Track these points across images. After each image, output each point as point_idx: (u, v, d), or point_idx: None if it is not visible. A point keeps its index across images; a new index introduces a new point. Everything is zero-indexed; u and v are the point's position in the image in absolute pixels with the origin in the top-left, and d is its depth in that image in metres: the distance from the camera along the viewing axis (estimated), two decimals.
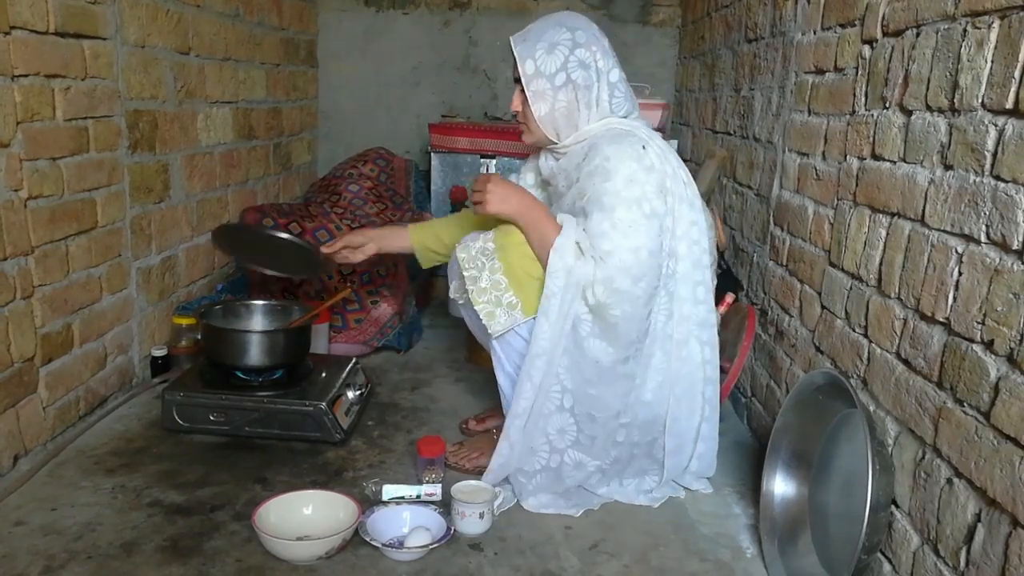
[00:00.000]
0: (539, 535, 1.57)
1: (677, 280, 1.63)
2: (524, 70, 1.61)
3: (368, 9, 3.58)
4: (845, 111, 1.59)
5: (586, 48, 1.60)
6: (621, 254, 1.51)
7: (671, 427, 1.69)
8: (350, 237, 2.02)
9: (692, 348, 1.68)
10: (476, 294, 1.60)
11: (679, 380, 1.68)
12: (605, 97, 1.62)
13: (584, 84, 1.60)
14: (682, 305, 1.65)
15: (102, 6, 1.88)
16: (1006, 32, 1.05)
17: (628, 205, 1.52)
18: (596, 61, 1.60)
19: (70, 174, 1.79)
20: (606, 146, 1.56)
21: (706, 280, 1.68)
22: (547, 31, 1.61)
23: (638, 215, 1.52)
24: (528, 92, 1.61)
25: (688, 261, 1.64)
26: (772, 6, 2.12)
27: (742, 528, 1.65)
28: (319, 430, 1.87)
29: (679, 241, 1.62)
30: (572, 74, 1.59)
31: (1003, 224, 1.03)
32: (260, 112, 2.91)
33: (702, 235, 1.66)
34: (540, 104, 1.62)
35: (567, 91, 1.60)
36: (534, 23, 1.66)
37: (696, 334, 1.67)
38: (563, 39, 1.59)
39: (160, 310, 2.26)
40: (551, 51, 1.59)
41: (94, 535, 1.48)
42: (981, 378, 1.05)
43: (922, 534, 1.18)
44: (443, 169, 3.16)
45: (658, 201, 1.55)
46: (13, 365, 1.64)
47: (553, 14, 1.67)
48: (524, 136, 1.72)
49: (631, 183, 1.52)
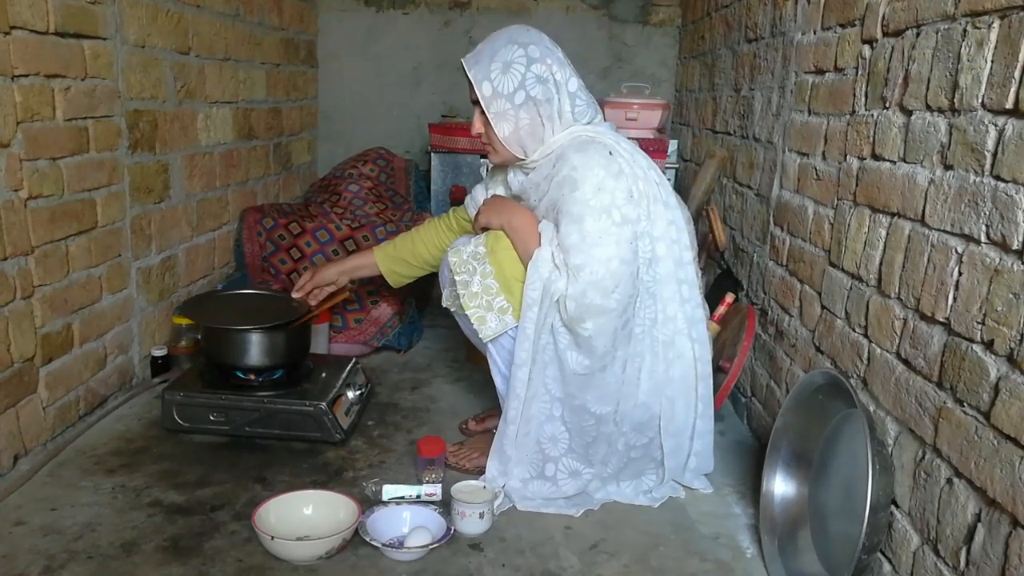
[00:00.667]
0: (539, 535, 1.57)
1: (659, 282, 1.63)
2: (482, 92, 1.59)
3: (368, 9, 3.58)
4: (845, 111, 1.59)
5: (541, 62, 1.58)
6: (592, 266, 1.51)
7: (666, 428, 1.69)
8: (317, 278, 2.02)
9: (682, 347, 1.67)
10: (467, 299, 1.61)
11: (670, 381, 1.67)
12: (567, 108, 1.61)
13: (544, 98, 1.58)
14: (666, 305, 1.64)
15: (102, 6, 1.88)
16: (1006, 32, 1.05)
17: (597, 214, 1.51)
18: (553, 74, 1.59)
19: (70, 174, 1.79)
20: (573, 155, 1.55)
21: (690, 277, 1.67)
22: (499, 50, 1.59)
23: (607, 224, 1.52)
24: (489, 114, 1.60)
25: (669, 261, 1.63)
26: (772, 6, 2.12)
27: (742, 528, 1.65)
28: (319, 430, 1.87)
29: (658, 242, 1.61)
30: (531, 91, 1.58)
31: (1003, 224, 1.03)
32: (260, 112, 2.91)
33: (681, 232, 1.65)
34: (503, 125, 1.61)
35: (528, 108, 1.59)
36: (484, 43, 1.63)
37: (685, 332, 1.67)
38: (517, 57, 1.57)
39: (160, 310, 2.26)
40: (507, 70, 1.57)
41: (94, 535, 1.48)
42: (981, 378, 1.05)
43: (922, 534, 1.18)
44: (443, 169, 3.16)
45: (628, 207, 1.54)
46: (13, 365, 1.64)
47: (502, 31, 1.64)
48: (491, 157, 1.71)
49: (599, 191, 1.52)
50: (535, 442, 1.64)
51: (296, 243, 2.68)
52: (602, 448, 1.67)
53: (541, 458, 1.65)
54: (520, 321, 1.57)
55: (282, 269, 2.65)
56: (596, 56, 3.58)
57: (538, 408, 1.62)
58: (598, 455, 1.67)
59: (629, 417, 1.66)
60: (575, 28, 3.56)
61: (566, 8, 3.56)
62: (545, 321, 1.56)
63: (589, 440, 1.64)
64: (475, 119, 1.66)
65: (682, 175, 3.15)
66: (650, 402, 1.66)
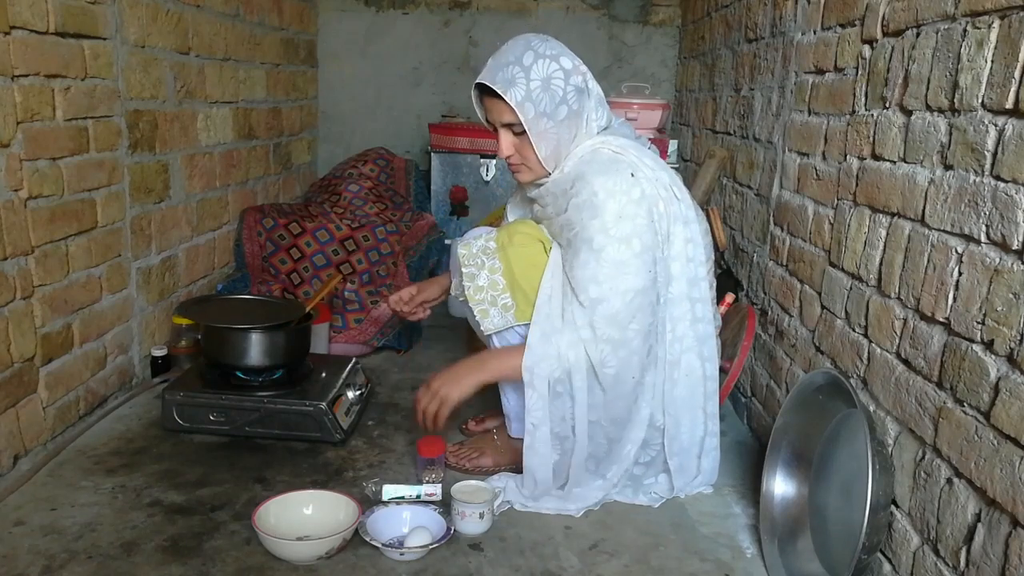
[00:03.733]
0: (539, 535, 1.57)
1: (671, 302, 1.60)
2: (524, 114, 1.50)
3: (368, 9, 3.58)
4: (845, 111, 1.59)
5: (576, 72, 1.54)
6: (611, 300, 1.49)
7: (670, 447, 1.68)
8: (422, 296, 1.93)
9: (690, 365, 1.65)
10: (472, 291, 1.61)
11: (673, 401, 1.65)
12: (593, 117, 1.58)
13: (584, 110, 1.56)
14: (676, 325, 1.62)
15: (102, 6, 1.88)
16: (1006, 32, 1.05)
17: (617, 245, 1.48)
18: (587, 82, 1.56)
19: (70, 174, 1.79)
20: (595, 178, 1.50)
21: (704, 296, 1.64)
22: (531, 67, 1.50)
23: (628, 254, 1.49)
24: (532, 135, 1.53)
25: (683, 280, 1.60)
26: (772, 6, 2.12)
27: (742, 528, 1.65)
28: (319, 430, 1.87)
29: (673, 261, 1.59)
30: (572, 104, 1.53)
31: (1003, 224, 1.03)
32: (260, 112, 2.91)
33: (697, 248, 1.62)
34: (543, 144, 1.55)
35: (570, 122, 1.55)
36: (502, 60, 1.52)
37: (695, 350, 1.64)
38: (554, 72, 1.50)
39: (160, 310, 2.26)
40: (547, 87, 1.50)
41: (94, 535, 1.48)
42: (981, 378, 1.05)
43: (922, 534, 1.18)
44: (443, 169, 3.16)
45: (648, 234, 1.52)
46: (13, 365, 1.64)
47: (516, 43, 1.54)
48: (521, 176, 1.64)
49: (620, 219, 1.48)
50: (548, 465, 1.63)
51: (296, 243, 2.68)
52: (612, 467, 1.67)
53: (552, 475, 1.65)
54: (528, 383, 1.54)
55: (282, 269, 2.65)
56: (596, 56, 3.58)
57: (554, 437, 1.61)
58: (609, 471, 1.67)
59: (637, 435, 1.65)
60: (575, 28, 3.56)
61: (566, 8, 3.56)
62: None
63: (602, 455, 1.65)
64: (502, 142, 1.57)
65: (682, 175, 3.14)
66: (654, 419, 1.65)
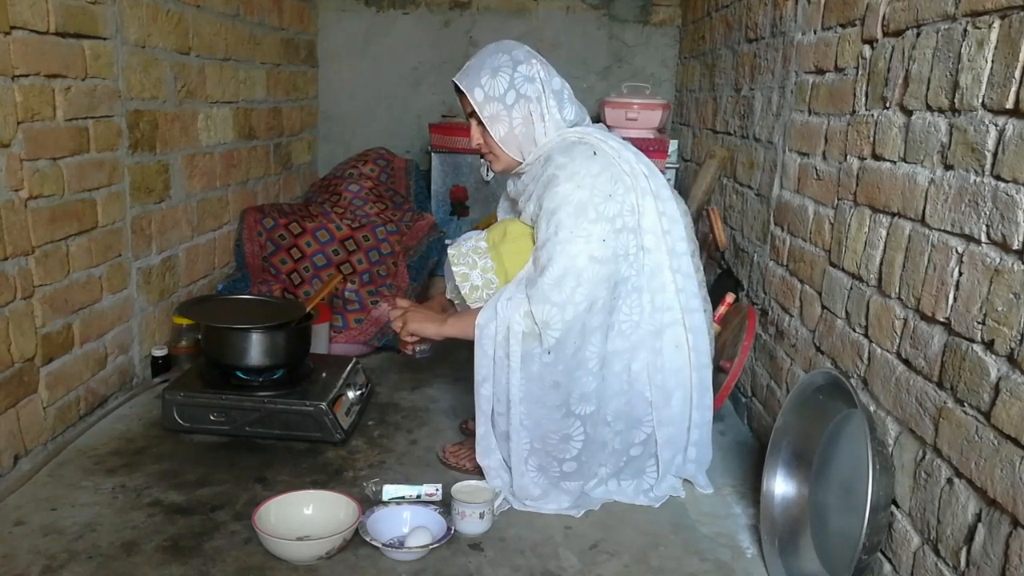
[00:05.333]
0: (539, 535, 1.57)
1: (647, 274, 1.64)
2: (475, 99, 1.65)
3: (368, 9, 3.58)
4: (845, 111, 1.59)
5: (526, 63, 1.65)
6: (559, 261, 1.53)
7: (659, 417, 1.69)
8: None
9: (675, 335, 1.68)
10: (468, 291, 1.65)
11: (659, 370, 1.67)
12: (553, 104, 1.66)
13: (535, 96, 1.65)
14: (655, 296, 1.65)
15: (102, 6, 1.88)
16: (1006, 32, 1.05)
17: (572, 211, 1.55)
18: (538, 72, 1.65)
19: (70, 174, 1.79)
20: (557, 156, 1.61)
21: (683, 267, 1.68)
22: (485, 60, 1.66)
23: (582, 221, 1.54)
24: (484, 118, 1.66)
25: (661, 252, 1.64)
26: (772, 6, 2.12)
27: (742, 528, 1.65)
28: (319, 430, 1.87)
29: (646, 234, 1.63)
30: (521, 89, 1.64)
31: (1003, 224, 1.03)
32: (260, 112, 2.91)
33: (674, 223, 1.67)
34: (498, 127, 1.66)
35: (520, 106, 1.64)
36: (471, 60, 1.70)
37: (680, 321, 1.68)
38: (503, 61, 1.64)
39: (160, 310, 2.26)
40: (495, 75, 1.64)
41: (94, 535, 1.48)
42: (981, 378, 1.05)
43: (922, 534, 1.18)
44: (443, 169, 3.16)
45: (606, 204, 1.57)
46: (13, 365, 1.64)
47: (486, 46, 1.71)
48: (493, 165, 1.76)
49: (578, 189, 1.55)
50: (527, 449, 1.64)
51: (296, 243, 2.68)
52: (598, 453, 1.67)
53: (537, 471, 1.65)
54: (477, 340, 1.61)
55: (282, 269, 2.65)
56: (596, 56, 3.58)
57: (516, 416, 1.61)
58: (595, 459, 1.67)
59: (622, 414, 1.66)
60: (575, 28, 3.56)
61: (566, 8, 3.56)
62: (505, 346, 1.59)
63: (579, 445, 1.63)
64: (472, 130, 1.72)
65: (682, 175, 3.15)
66: (641, 393, 1.66)
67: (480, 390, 1.64)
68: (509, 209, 1.91)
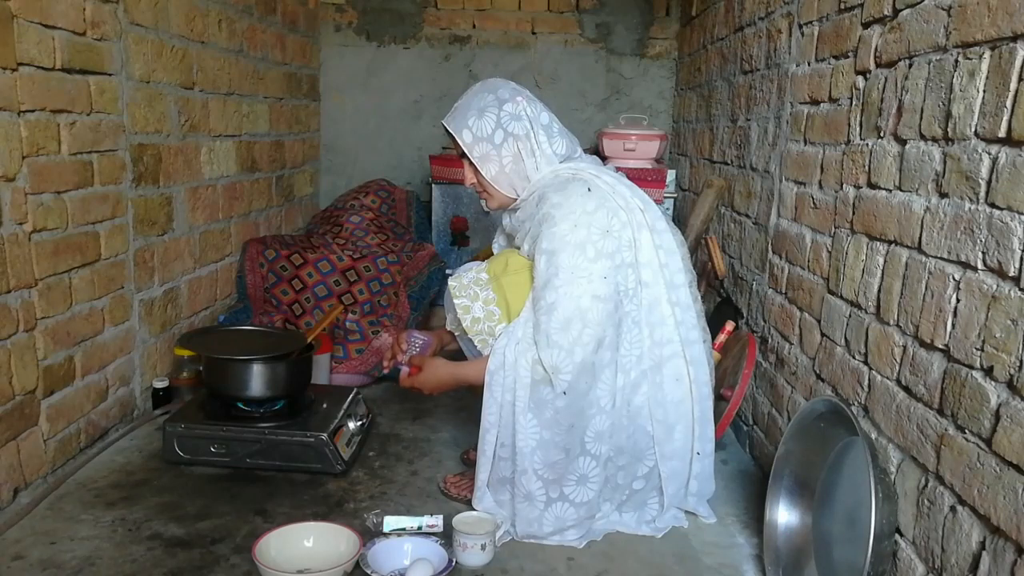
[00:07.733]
0: (541, 567, 1.55)
1: (646, 308, 1.64)
2: (463, 141, 1.67)
3: (370, 44, 3.64)
4: (840, 140, 1.60)
5: (512, 102, 1.66)
6: (564, 304, 1.53)
7: (662, 451, 1.68)
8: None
9: (676, 369, 1.67)
10: (470, 323, 1.63)
11: (660, 405, 1.67)
12: (543, 139, 1.67)
13: (523, 134, 1.66)
14: (654, 330, 1.65)
15: (108, 43, 1.91)
16: (997, 62, 1.07)
17: (571, 251, 1.55)
18: (525, 110, 1.66)
19: (74, 207, 1.81)
20: (552, 194, 1.61)
21: (681, 299, 1.68)
22: (471, 101, 1.68)
23: (582, 260, 1.54)
24: (474, 159, 1.68)
25: (659, 285, 1.64)
26: (767, 39, 2.15)
27: (746, 558, 1.63)
28: (320, 461, 1.86)
29: (643, 268, 1.63)
30: (508, 127, 1.65)
31: (999, 251, 1.04)
32: (263, 145, 2.94)
33: (671, 255, 1.67)
34: (488, 166, 1.68)
35: (509, 145, 1.66)
36: (458, 101, 1.72)
37: (680, 354, 1.67)
38: (488, 102, 1.66)
39: (162, 341, 2.26)
40: (482, 115, 1.66)
41: (93, 569, 1.47)
42: (982, 404, 1.05)
43: (927, 563, 1.17)
44: (444, 200, 3.19)
45: (604, 241, 1.57)
46: (15, 398, 1.64)
47: (472, 87, 1.73)
48: (488, 203, 1.77)
49: (575, 228, 1.55)
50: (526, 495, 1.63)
51: (298, 274, 2.69)
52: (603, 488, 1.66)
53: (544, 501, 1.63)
54: (487, 386, 1.60)
55: (284, 300, 2.66)
56: (594, 88, 3.63)
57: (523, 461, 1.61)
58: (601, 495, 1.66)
59: (625, 449, 1.65)
60: (573, 61, 3.60)
61: (564, 42, 3.61)
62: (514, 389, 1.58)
63: (595, 487, 1.63)
64: (465, 170, 1.74)
65: (680, 204, 3.17)
66: (643, 428, 1.65)
67: (486, 436, 1.63)
68: (505, 244, 1.92)
